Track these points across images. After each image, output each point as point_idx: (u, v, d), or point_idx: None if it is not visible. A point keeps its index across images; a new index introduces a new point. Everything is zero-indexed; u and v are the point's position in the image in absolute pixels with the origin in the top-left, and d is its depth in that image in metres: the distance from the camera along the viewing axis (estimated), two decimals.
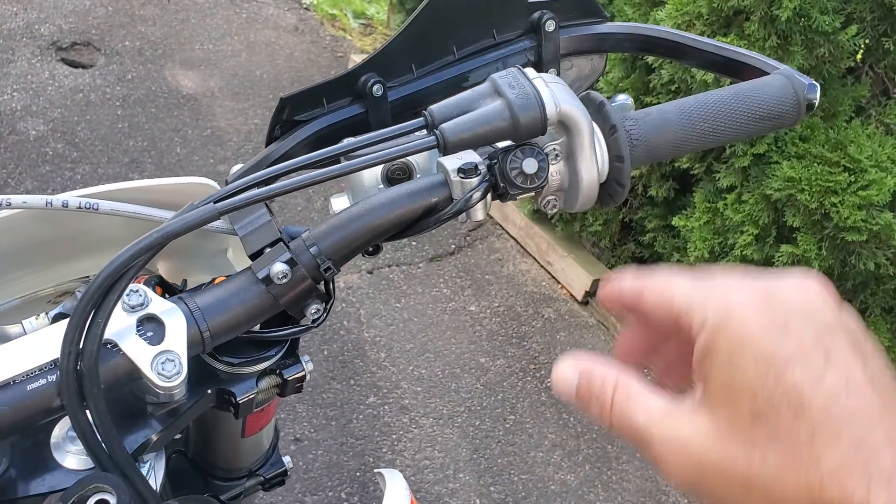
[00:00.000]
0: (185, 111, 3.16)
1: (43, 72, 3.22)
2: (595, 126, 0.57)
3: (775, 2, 1.84)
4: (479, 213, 0.58)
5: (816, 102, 0.62)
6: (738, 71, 0.66)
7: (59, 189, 2.64)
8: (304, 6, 4.37)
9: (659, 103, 1.87)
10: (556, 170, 0.58)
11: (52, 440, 0.55)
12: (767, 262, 2.08)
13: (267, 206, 0.57)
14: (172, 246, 0.50)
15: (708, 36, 1.97)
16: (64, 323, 0.47)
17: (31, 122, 2.94)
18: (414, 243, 2.73)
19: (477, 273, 2.68)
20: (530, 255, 2.79)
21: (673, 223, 2.28)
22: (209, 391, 0.60)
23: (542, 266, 2.75)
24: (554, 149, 0.57)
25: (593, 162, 0.57)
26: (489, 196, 0.57)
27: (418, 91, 0.67)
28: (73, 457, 0.54)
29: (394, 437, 2.07)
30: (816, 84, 0.62)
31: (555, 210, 0.61)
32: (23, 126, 2.91)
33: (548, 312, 2.57)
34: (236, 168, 0.61)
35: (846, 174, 1.90)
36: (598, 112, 0.58)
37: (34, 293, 0.61)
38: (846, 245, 1.94)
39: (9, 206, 0.52)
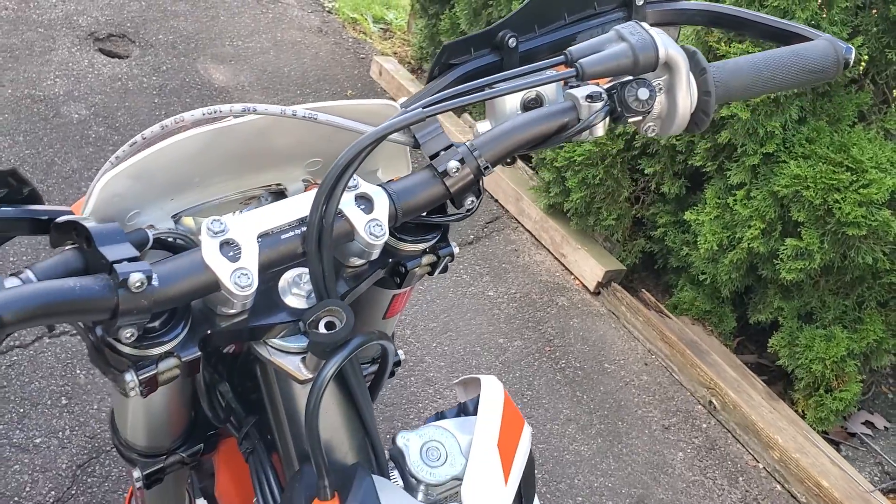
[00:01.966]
0: (217, 102, 3.31)
1: (83, 60, 3.36)
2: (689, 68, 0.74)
3: (788, 12, 2.01)
4: (599, 130, 0.74)
5: (851, 62, 0.79)
6: (788, 38, 0.83)
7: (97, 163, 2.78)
8: (327, 9, 4.53)
9: None
10: (659, 100, 0.74)
11: (280, 286, 0.70)
12: (773, 255, 2.24)
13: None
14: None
15: (724, 44, 2.14)
16: (311, 193, 0.63)
17: (73, 106, 3.08)
18: None
19: (494, 262, 2.83)
20: (544, 247, 2.95)
21: (685, 217, 2.43)
22: (389, 260, 0.76)
23: (555, 258, 2.90)
24: (658, 84, 0.74)
25: (688, 95, 0.73)
26: (608, 118, 0.73)
27: (540, 45, 0.84)
28: (293, 298, 0.69)
29: (420, 405, 2.22)
30: (852, 47, 0.79)
31: (653, 134, 0.77)
32: (66, 110, 3.05)
33: (561, 301, 2.72)
34: (403, 99, 0.77)
35: (848, 174, 2.06)
36: (691, 58, 0.74)
37: (227, 197, 0.76)
38: (847, 239, 2.10)
39: (254, 112, 0.68)
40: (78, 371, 2.06)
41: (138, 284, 0.54)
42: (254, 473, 0.79)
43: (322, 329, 0.64)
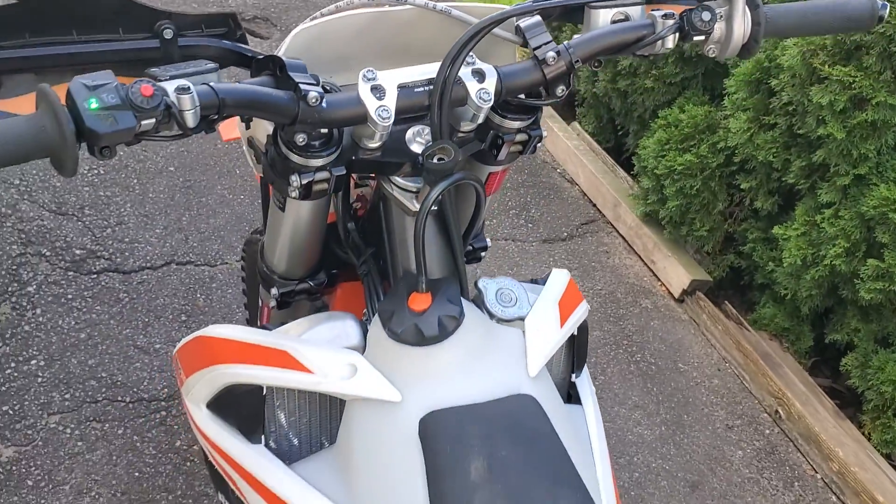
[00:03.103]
0: None
1: None
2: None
3: (894, 40, 2.09)
4: (669, 42, 0.91)
5: (885, 16, 0.93)
6: None
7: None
8: None
9: (777, 123, 2.17)
10: (718, 26, 0.91)
11: (406, 136, 0.90)
12: (854, 276, 2.30)
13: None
14: None
15: (828, 66, 2.23)
16: (437, 63, 0.83)
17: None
18: (530, 225, 3.05)
19: (584, 259, 2.97)
20: (636, 252, 3.07)
21: (773, 232, 2.52)
22: (490, 132, 0.94)
23: (645, 263, 3.02)
24: (720, 12, 0.91)
25: (742, 23, 0.90)
26: (677, 34, 0.90)
27: None
28: (415, 145, 0.89)
29: None
30: (887, 4, 0.94)
31: (713, 55, 0.94)
32: None
33: (645, 303, 2.84)
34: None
35: None
36: None
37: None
38: None
39: (406, 3, 0.89)
40: (198, 295, 2.31)
41: (314, 100, 0.76)
42: (367, 290, 0.99)
43: (435, 161, 0.83)
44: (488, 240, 1.16)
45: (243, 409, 0.92)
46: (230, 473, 0.95)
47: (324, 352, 0.86)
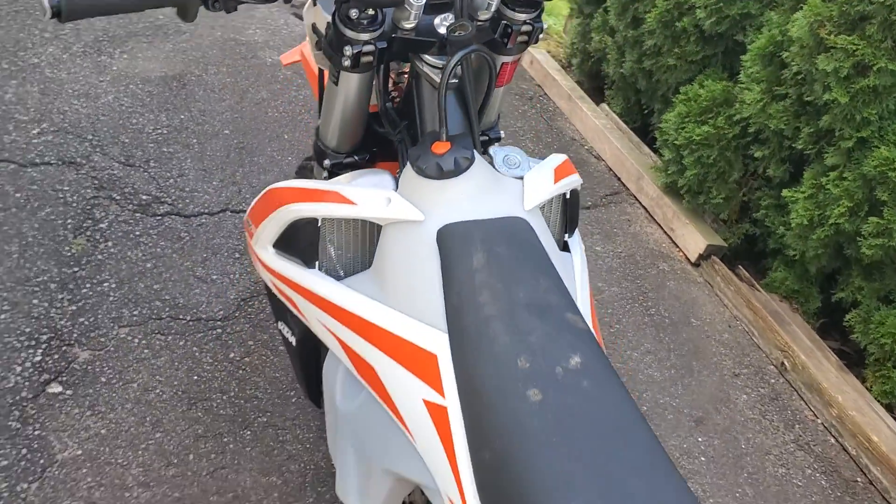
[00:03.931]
0: None
1: (279, 19, 3.96)
2: None
3: (894, 10, 2.26)
4: None
5: None
6: None
7: (287, 102, 3.32)
8: None
9: (788, 94, 2.37)
10: None
11: (434, 22, 1.12)
12: (857, 234, 2.46)
13: None
14: None
15: (834, 36, 2.40)
16: None
17: (268, 52, 3.66)
18: None
19: (606, 226, 3.16)
20: (656, 221, 3.25)
21: (783, 195, 2.69)
22: (502, 22, 1.15)
23: (665, 232, 3.20)
24: None
25: None
26: None
27: None
28: (441, 28, 1.11)
29: None
30: None
31: None
32: (262, 54, 3.63)
33: (663, 266, 3.02)
34: None
35: None
36: None
37: None
38: None
39: None
40: None
41: None
42: (399, 153, 1.21)
43: (456, 34, 1.05)
44: (502, 132, 1.36)
45: (302, 242, 1.14)
46: (291, 296, 1.17)
47: (366, 189, 1.08)
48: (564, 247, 1.22)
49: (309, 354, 1.33)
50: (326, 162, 1.33)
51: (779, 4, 2.79)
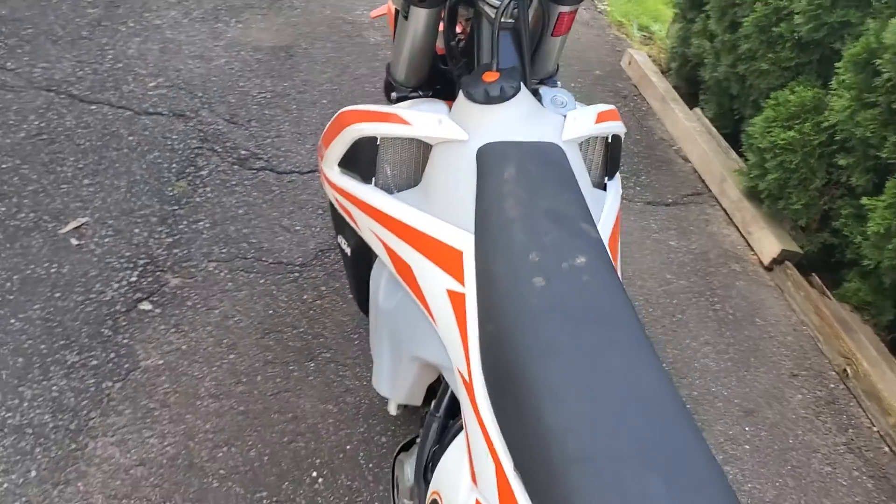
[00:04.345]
0: None
1: (384, 1, 4.14)
2: None
3: None
4: None
5: None
6: None
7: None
8: (599, 10, 5.07)
9: (878, 101, 2.39)
10: None
11: None
12: None
13: None
14: None
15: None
16: None
17: (372, 33, 3.84)
18: (638, 188, 3.30)
19: (684, 223, 3.20)
20: (734, 224, 3.26)
21: (862, 201, 2.68)
22: None
23: (741, 234, 3.21)
24: None
25: None
26: None
27: None
28: None
29: None
30: None
31: None
32: (366, 34, 3.82)
33: (735, 266, 3.04)
34: None
35: None
36: None
37: None
38: None
39: None
40: None
41: None
42: (457, 84, 1.33)
43: None
44: (559, 83, 1.45)
45: (363, 160, 1.27)
46: (349, 209, 1.31)
47: (421, 112, 1.21)
48: (604, 189, 1.32)
49: (361, 264, 1.48)
50: (393, 95, 1.46)
51: (879, 12, 2.78)
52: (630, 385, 0.82)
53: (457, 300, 1.00)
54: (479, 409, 0.91)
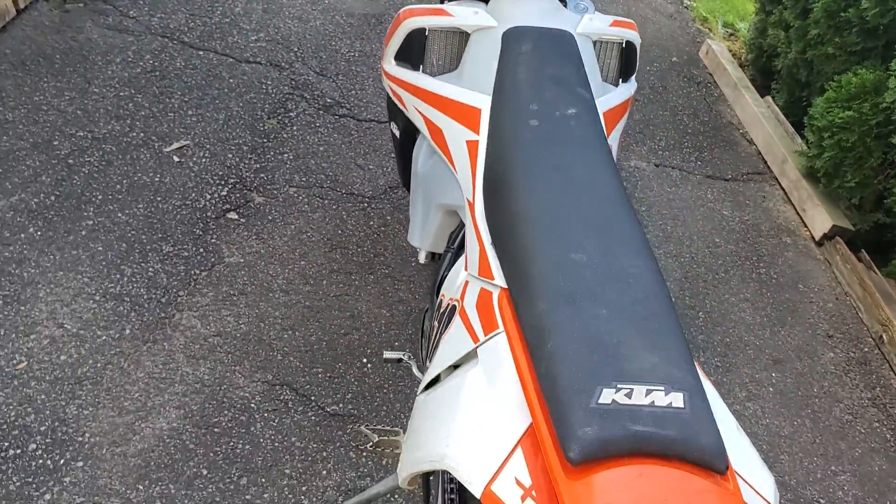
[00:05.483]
0: None
1: None
2: None
3: None
4: None
5: None
6: None
7: None
8: (684, 4, 5.19)
9: None
10: None
11: None
12: None
13: None
14: None
15: None
16: None
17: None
18: (699, 162, 3.44)
19: (740, 197, 3.33)
20: (791, 202, 3.37)
21: None
22: None
23: (797, 212, 3.32)
24: None
25: None
26: None
27: None
28: None
29: None
30: None
31: None
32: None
33: (786, 239, 3.15)
34: None
35: None
36: None
37: None
38: None
39: None
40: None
41: None
42: None
43: None
44: (592, 5, 1.64)
45: (414, 49, 1.51)
46: (399, 93, 1.56)
47: (462, 6, 1.45)
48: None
49: (407, 143, 1.73)
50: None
51: None
52: (587, 185, 1.03)
53: (472, 147, 1.24)
54: (475, 213, 1.14)
